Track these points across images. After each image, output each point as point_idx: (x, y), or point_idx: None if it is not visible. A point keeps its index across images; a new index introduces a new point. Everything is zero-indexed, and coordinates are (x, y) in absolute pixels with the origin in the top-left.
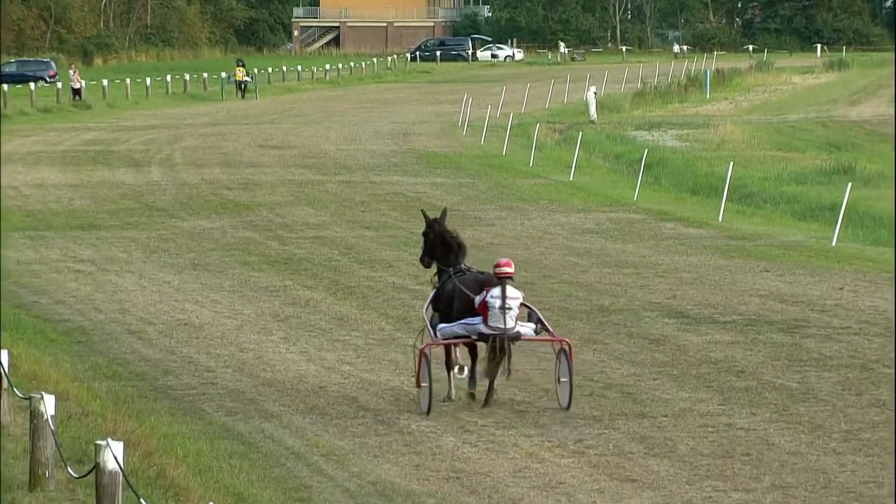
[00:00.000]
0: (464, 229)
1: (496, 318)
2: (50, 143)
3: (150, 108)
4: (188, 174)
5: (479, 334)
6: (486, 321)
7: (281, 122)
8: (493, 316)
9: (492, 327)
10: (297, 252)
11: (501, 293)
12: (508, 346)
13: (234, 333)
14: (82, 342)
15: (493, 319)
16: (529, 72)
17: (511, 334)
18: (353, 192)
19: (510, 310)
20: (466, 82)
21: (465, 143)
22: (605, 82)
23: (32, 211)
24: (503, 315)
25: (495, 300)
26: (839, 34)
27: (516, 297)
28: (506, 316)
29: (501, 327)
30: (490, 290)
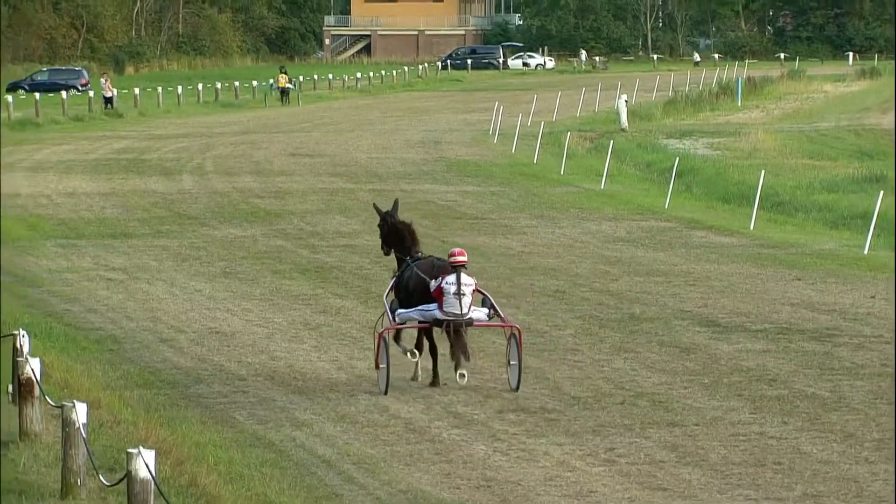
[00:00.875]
0: (494, 238)
1: (451, 304)
2: (82, 152)
3: (181, 116)
4: (219, 183)
5: (435, 320)
6: (442, 307)
7: (312, 131)
8: (448, 302)
9: (447, 313)
10: (328, 260)
11: (456, 280)
12: (453, 329)
13: (265, 342)
14: (114, 350)
15: (448, 305)
16: (561, 80)
17: (465, 319)
18: (382, 200)
19: (464, 296)
20: (497, 90)
21: (496, 152)
22: (637, 90)
23: (64, 219)
24: (458, 301)
25: (450, 286)
26: (871, 42)
27: (470, 283)
28: (461, 301)
29: (456, 313)
30: (445, 277)
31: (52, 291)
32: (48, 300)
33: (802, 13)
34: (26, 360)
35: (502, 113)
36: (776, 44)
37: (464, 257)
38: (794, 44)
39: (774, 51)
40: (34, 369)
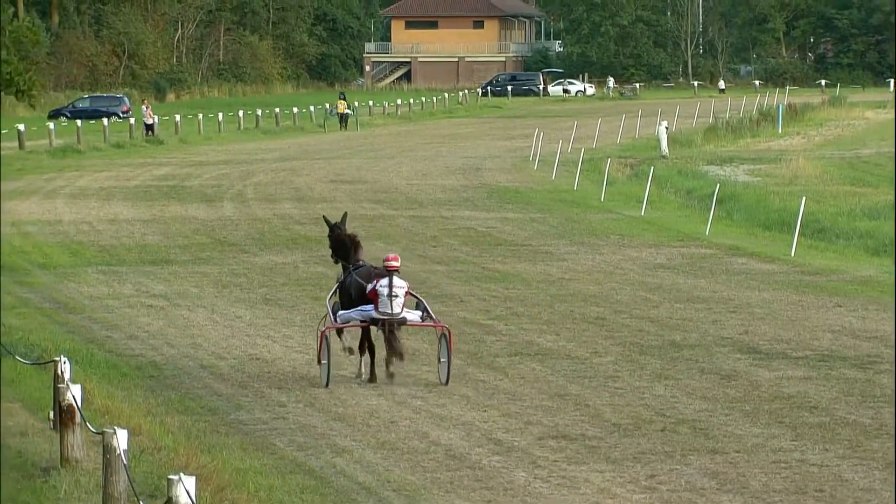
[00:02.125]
0: (534, 264)
1: (384, 305)
2: (123, 179)
3: (221, 143)
4: (260, 209)
5: (372, 319)
6: (377, 307)
7: (352, 157)
8: (382, 303)
9: (382, 313)
10: None
11: (389, 283)
12: (388, 327)
13: (305, 368)
14: (155, 377)
15: (382, 306)
16: (601, 107)
17: (397, 319)
18: (424, 227)
19: (396, 297)
20: (538, 117)
21: (536, 178)
22: (677, 117)
23: (105, 246)
24: (390, 302)
25: (384, 289)
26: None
27: (402, 286)
28: (392, 302)
29: (389, 312)
30: (379, 280)
31: (94, 318)
32: (89, 327)
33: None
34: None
35: (542, 139)
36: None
37: (397, 262)
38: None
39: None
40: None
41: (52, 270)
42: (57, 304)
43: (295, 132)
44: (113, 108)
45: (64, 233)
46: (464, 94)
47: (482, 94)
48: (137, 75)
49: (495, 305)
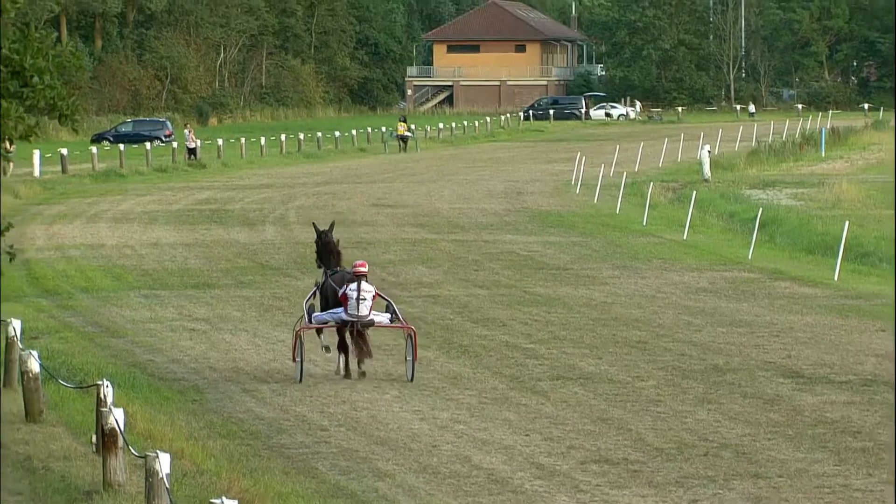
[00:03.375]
0: (576, 288)
1: (353, 308)
2: (165, 203)
3: (264, 166)
4: (302, 233)
5: (342, 321)
6: (346, 310)
7: (394, 181)
8: (351, 305)
9: (350, 315)
10: (410, 311)
11: (357, 287)
12: (361, 328)
13: (347, 392)
14: (197, 401)
15: (351, 308)
16: (643, 130)
17: (365, 321)
18: (466, 251)
19: (364, 300)
20: (580, 141)
21: (578, 202)
22: (719, 141)
23: (148, 270)
24: (358, 305)
25: (352, 293)
26: None
27: (369, 290)
28: (360, 305)
29: (357, 314)
30: (349, 285)
31: (136, 342)
32: (132, 350)
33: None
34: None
35: (584, 163)
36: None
37: (364, 268)
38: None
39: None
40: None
41: (95, 294)
42: (99, 327)
43: (337, 156)
44: (155, 132)
45: (106, 257)
46: (506, 117)
47: (524, 118)
48: (180, 99)
49: (537, 329)
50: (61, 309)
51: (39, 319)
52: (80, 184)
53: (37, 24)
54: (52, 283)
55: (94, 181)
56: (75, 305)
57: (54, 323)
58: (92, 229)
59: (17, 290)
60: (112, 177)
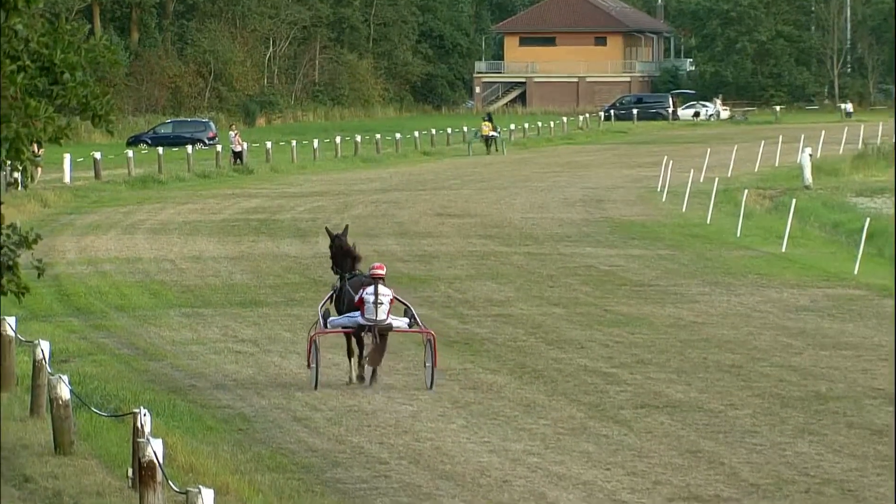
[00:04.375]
0: (663, 307)
1: (370, 312)
2: (208, 212)
3: (317, 172)
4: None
5: (359, 325)
6: (363, 314)
7: (460, 188)
8: (368, 310)
9: (367, 319)
10: (478, 331)
11: (374, 290)
12: (377, 333)
13: (409, 421)
14: (243, 430)
15: (368, 312)
16: (736, 131)
17: (383, 325)
18: (541, 265)
19: (381, 304)
20: (666, 143)
21: (664, 211)
22: (822, 143)
23: (189, 286)
24: (375, 308)
25: (369, 296)
26: None
27: (386, 294)
28: (377, 309)
29: (374, 319)
30: (366, 288)
31: (176, 365)
32: (172, 375)
33: None
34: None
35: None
36: None
37: (382, 271)
38: None
39: None
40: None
41: (131, 313)
42: (136, 349)
43: (397, 160)
44: (197, 133)
45: (144, 271)
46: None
47: (605, 118)
48: (224, 98)
49: (619, 352)
50: (94, 329)
51: (70, 341)
52: (114, 191)
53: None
54: (84, 301)
55: (129, 188)
56: (109, 325)
57: (86, 345)
58: (128, 241)
59: (46, 309)
60: (150, 183)
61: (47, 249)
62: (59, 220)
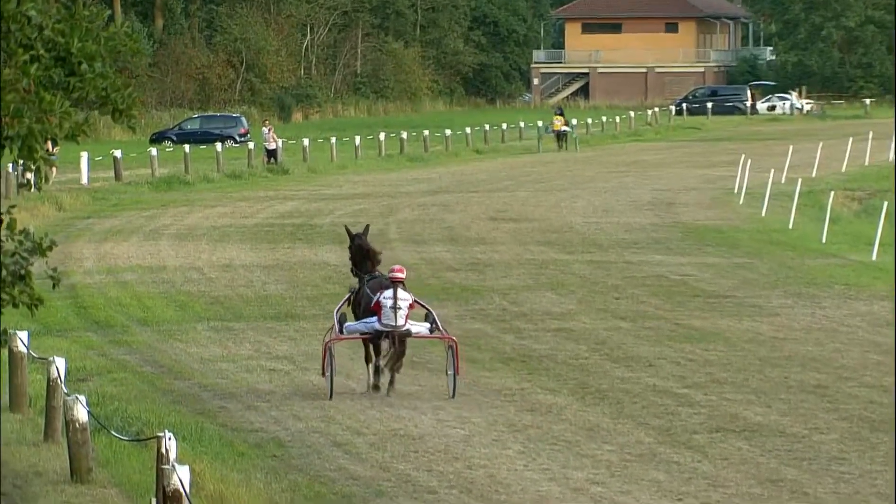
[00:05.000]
0: (740, 320)
1: (388, 317)
2: (240, 216)
3: (359, 172)
4: (405, 252)
5: (376, 331)
6: (381, 319)
7: (517, 189)
8: (386, 314)
9: (385, 324)
10: (536, 347)
11: (393, 294)
12: (396, 339)
13: (460, 446)
14: (278, 456)
15: (385, 317)
16: (822, 127)
17: (401, 331)
18: (605, 275)
19: (400, 309)
20: (744, 140)
21: (742, 215)
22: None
23: (218, 297)
24: (394, 314)
25: (387, 300)
26: None
27: (406, 298)
28: (396, 314)
29: (392, 324)
30: (383, 292)
31: (204, 385)
32: (199, 395)
33: None
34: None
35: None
36: None
37: (401, 274)
38: None
39: None
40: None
41: (155, 327)
42: (160, 367)
43: (447, 159)
44: (228, 130)
45: (169, 281)
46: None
47: (676, 113)
48: (257, 90)
49: (692, 371)
50: (114, 345)
51: (88, 358)
52: (136, 193)
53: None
54: (104, 314)
55: (153, 189)
56: (131, 341)
57: (105, 362)
58: (151, 248)
59: (61, 322)
60: (175, 184)
61: (63, 257)
62: (76, 224)
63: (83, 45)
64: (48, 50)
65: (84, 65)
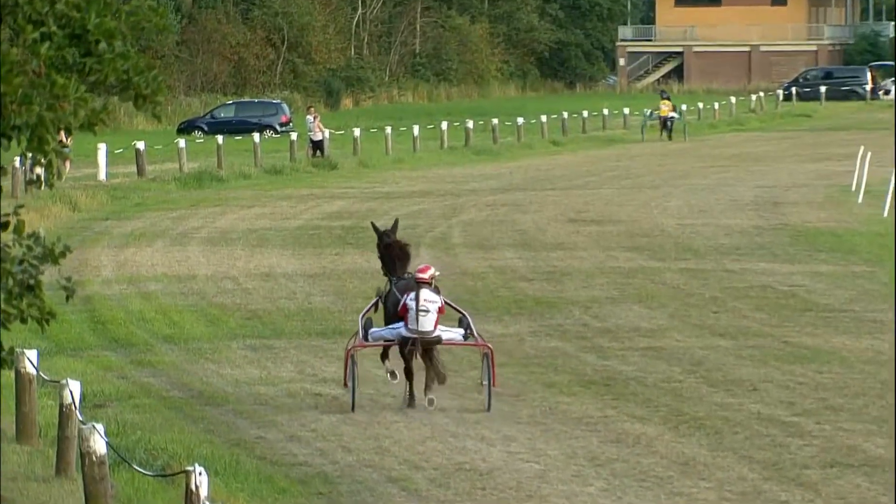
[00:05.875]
0: (858, 338)
1: (413, 322)
2: (280, 217)
3: (417, 167)
4: (470, 259)
5: (402, 338)
6: (407, 324)
7: (600, 187)
8: (411, 319)
9: (411, 330)
10: (622, 369)
11: (416, 296)
12: (418, 345)
13: (534, 482)
14: (324, 494)
15: (411, 322)
16: None
17: (429, 337)
18: (702, 285)
19: (427, 313)
20: (863, 130)
21: (860, 216)
22: None
23: (256, 310)
24: (419, 318)
25: (412, 303)
26: None
27: (433, 300)
28: (422, 319)
29: (418, 330)
30: (409, 294)
31: (240, 411)
32: (234, 423)
33: None
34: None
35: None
36: None
37: (426, 274)
38: None
39: None
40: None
41: (183, 345)
42: (189, 391)
43: (520, 152)
44: (267, 118)
45: (199, 292)
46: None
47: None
48: (301, 73)
49: (803, 396)
50: (136, 366)
51: (106, 380)
52: (162, 191)
53: None
54: (124, 330)
55: (181, 187)
56: (155, 361)
57: (126, 385)
58: (178, 254)
59: (76, 340)
60: (206, 181)
61: (78, 265)
62: (93, 227)
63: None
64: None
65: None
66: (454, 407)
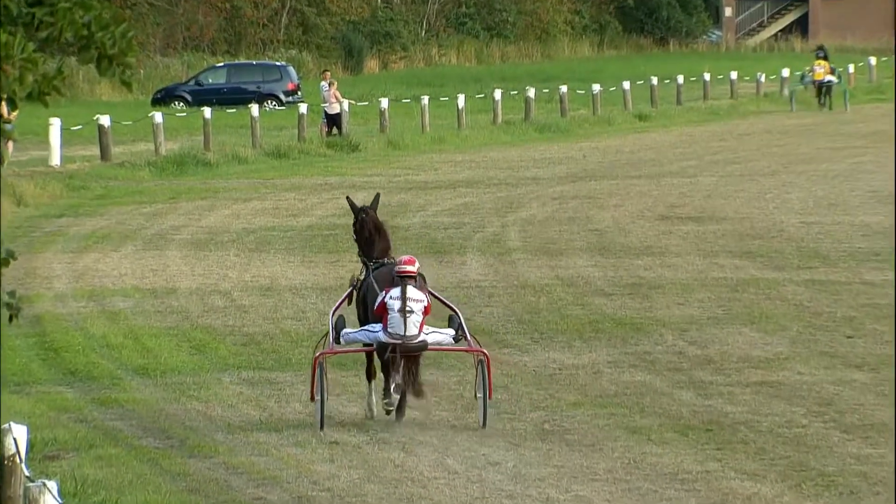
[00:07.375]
0: None
1: (396, 324)
2: (285, 214)
3: (462, 148)
4: (531, 267)
5: (379, 343)
6: (386, 327)
7: (699, 174)
8: (393, 321)
9: (392, 334)
10: (728, 410)
11: (401, 294)
12: (400, 356)
13: None
14: None
15: (392, 325)
16: None
17: (413, 343)
18: (832, 302)
19: (412, 313)
20: None
21: None
22: None
23: (254, 335)
24: (403, 320)
25: (395, 302)
26: None
27: (419, 299)
28: (406, 321)
29: (401, 334)
30: (389, 291)
31: (234, 466)
32: (226, 481)
33: None
34: None
35: None
36: None
37: (412, 266)
38: None
39: None
40: None
41: (160, 379)
42: (168, 439)
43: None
44: (268, 85)
45: (181, 311)
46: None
47: None
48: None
49: None
50: (99, 406)
51: (60, 424)
52: (132, 179)
53: None
54: (83, 360)
55: (157, 174)
56: (124, 399)
57: (87, 431)
58: (154, 261)
59: (21, 373)
60: (190, 166)
61: (23, 276)
62: (43, 226)
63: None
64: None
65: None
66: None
